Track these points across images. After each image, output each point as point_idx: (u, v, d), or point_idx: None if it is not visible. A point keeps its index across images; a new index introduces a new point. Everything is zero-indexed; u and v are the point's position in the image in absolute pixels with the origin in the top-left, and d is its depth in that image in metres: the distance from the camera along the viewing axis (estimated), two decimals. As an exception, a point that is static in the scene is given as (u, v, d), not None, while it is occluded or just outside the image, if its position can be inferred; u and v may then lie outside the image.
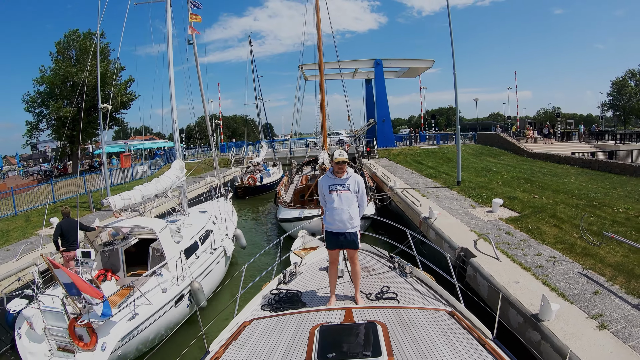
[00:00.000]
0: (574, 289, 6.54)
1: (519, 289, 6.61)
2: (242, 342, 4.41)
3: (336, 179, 5.27)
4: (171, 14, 12.99)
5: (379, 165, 26.42)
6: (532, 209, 11.62)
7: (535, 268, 7.46)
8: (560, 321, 5.49)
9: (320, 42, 20.72)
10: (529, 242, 9.02)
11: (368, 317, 4.60)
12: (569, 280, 6.89)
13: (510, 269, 7.51)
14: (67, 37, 30.98)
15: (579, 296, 6.27)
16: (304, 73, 36.62)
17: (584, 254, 7.93)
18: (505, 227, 10.39)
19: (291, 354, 3.97)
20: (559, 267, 7.48)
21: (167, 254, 8.79)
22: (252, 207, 24.02)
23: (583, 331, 5.27)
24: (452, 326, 4.29)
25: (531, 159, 26.19)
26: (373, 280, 6.11)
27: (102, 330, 6.64)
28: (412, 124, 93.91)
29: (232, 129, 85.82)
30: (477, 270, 7.62)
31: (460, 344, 3.90)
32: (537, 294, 6.26)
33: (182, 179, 12.50)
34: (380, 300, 5.35)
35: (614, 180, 16.68)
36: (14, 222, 15.09)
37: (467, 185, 16.46)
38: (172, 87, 12.74)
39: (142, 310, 7.33)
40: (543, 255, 8.10)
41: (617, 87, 61.48)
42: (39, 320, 6.81)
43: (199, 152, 49.49)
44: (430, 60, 40.00)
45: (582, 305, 5.98)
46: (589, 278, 6.90)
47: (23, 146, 37.85)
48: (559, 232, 9.45)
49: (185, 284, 8.65)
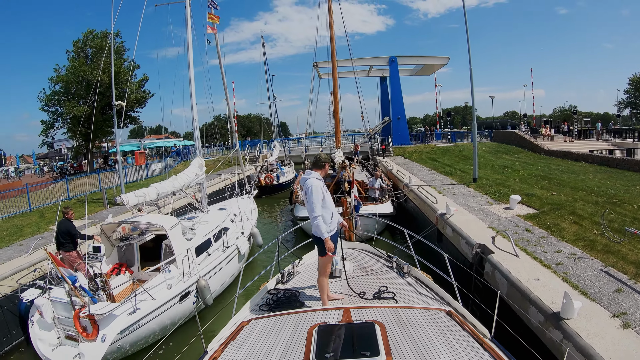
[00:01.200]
0: (595, 286, 6.40)
1: (539, 286, 6.48)
2: (240, 342, 4.44)
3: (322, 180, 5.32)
4: (190, 14, 13.06)
5: (394, 163, 26.28)
6: (551, 205, 11.42)
7: (556, 265, 7.32)
8: (582, 320, 5.37)
9: (332, 38, 20.62)
10: (549, 239, 8.86)
11: (366, 316, 4.62)
12: (591, 277, 6.74)
13: (530, 266, 7.38)
14: (85, 37, 31.40)
15: (601, 294, 6.13)
16: (318, 71, 36.53)
17: (605, 251, 7.76)
18: (523, 224, 10.22)
19: (289, 354, 3.99)
20: (579, 264, 7.34)
21: (175, 251, 8.88)
22: (270, 206, 24.11)
23: (606, 330, 5.15)
24: (450, 326, 4.30)
25: (548, 156, 25.80)
26: (371, 279, 6.13)
27: (103, 323, 6.89)
28: (427, 122, 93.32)
29: (247, 128, 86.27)
30: (496, 267, 7.49)
31: (459, 344, 3.91)
32: (558, 291, 6.14)
33: (201, 177, 12.55)
34: (378, 300, 5.36)
35: (634, 177, 16.32)
36: (29, 218, 15.33)
37: (484, 183, 16.26)
38: (192, 86, 12.85)
39: (145, 305, 7.48)
40: (563, 253, 7.95)
41: (634, 85, 60.14)
42: (48, 309, 7.15)
43: (213, 150, 49.82)
44: (445, 57, 39.63)
45: (605, 303, 5.84)
46: (611, 276, 6.75)
47: (39, 145, 38.52)
48: (579, 229, 9.27)
49: (192, 281, 8.69)
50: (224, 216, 12.29)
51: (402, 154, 32.14)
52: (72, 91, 30.70)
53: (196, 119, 13.13)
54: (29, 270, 9.41)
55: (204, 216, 12.01)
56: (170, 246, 9.12)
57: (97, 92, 16.65)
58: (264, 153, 36.74)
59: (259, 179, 26.50)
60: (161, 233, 10.26)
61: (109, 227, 10.03)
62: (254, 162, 35.52)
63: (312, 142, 45.14)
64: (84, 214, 15.74)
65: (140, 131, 71.36)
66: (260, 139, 45.92)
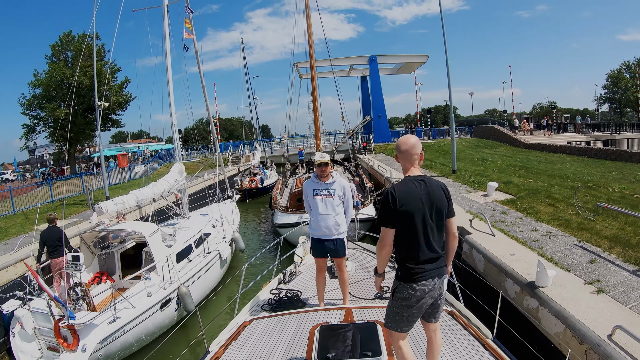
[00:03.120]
0: (570, 259, 6.47)
1: (514, 260, 6.53)
2: (242, 342, 4.43)
3: (321, 184, 5.08)
4: (168, 18, 12.87)
5: (376, 160, 26.36)
6: (528, 191, 11.55)
7: (531, 242, 7.39)
8: (557, 287, 5.41)
9: (310, 35, 20.70)
10: (525, 220, 8.95)
11: (368, 316, 4.61)
12: (565, 251, 6.82)
13: (506, 243, 7.44)
14: (62, 40, 30.87)
15: (575, 265, 6.20)
16: (299, 71, 36.49)
17: (580, 229, 7.87)
18: (500, 208, 10.32)
19: (291, 353, 3.98)
20: (554, 240, 7.42)
21: (155, 258, 8.66)
22: (254, 209, 23.80)
23: (581, 295, 5.19)
24: (452, 326, 4.32)
25: (527, 149, 26.23)
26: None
27: (83, 332, 6.72)
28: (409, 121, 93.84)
29: (229, 131, 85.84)
30: (473, 246, 7.54)
31: (460, 344, 3.93)
32: (533, 263, 6.16)
33: (181, 183, 12.24)
34: (380, 300, 5.30)
35: (610, 165, 16.69)
36: (13, 220, 15.00)
37: (463, 174, 16.41)
38: (170, 91, 12.62)
39: (125, 313, 7.30)
40: (539, 231, 8.03)
41: (612, 80, 61.56)
42: (29, 320, 6.89)
43: (196, 154, 49.41)
44: (424, 55, 39.98)
45: (579, 273, 5.91)
46: (585, 249, 6.84)
47: (20, 149, 37.65)
48: (555, 210, 9.39)
49: (172, 289, 8.48)
50: (205, 222, 12.04)
51: (383, 151, 32.29)
52: (52, 95, 30.14)
53: (175, 124, 12.88)
54: (15, 268, 9.31)
55: (185, 222, 11.77)
56: (150, 253, 8.90)
57: (73, 93, 16.28)
58: (247, 154, 36.51)
59: (242, 183, 26.27)
60: (142, 240, 9.91)
61: (89, 235, 9.78)
62: (236, 163, 35.29)
63: (294, 143, 45.04)
64: (68, 215, 15.56)
65: (122, 136, 70.60)
66: (242, 141, 45.65)
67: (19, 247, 10.47)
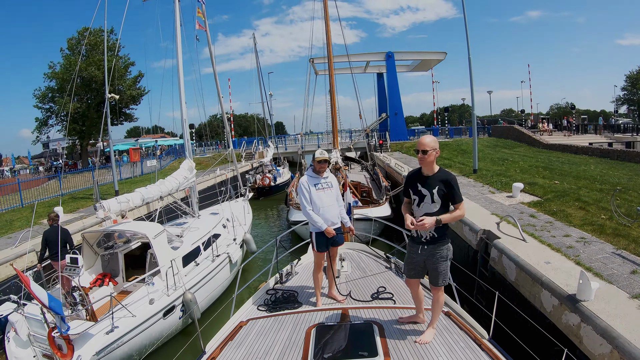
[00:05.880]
0: (609, 269, 6.06)
1: (550, 269, 6.13)
2: (238, 342, 4.43)
3: (320, 178, 5.37)
4: (179, 8, 12.47)
5: (392, 158, 25.96)
6: (554, 193, 11.11)
7: (566, 249, 6.98)
8: (600, 301, 5.00)
9: (328, 29, 20.33)
10: (555, 224, 8.53)
11: (364, 317, 4.62)
12: (603, 260, 6.41)
13: (539, 250, 7.03)
14: (79, 34, 30.96)
15: (616, 276, 5.79)
16: (314, 67, 36.19)
17: (615, 235, 7.44)
18: (528, 210, 9.89)
19: (287, 354, 3.97)
20: (590, 247, 7.00)
21: (160, 262, 8.13)
22: (267, 207, 23.62)
23: (627, 311, 4.79)
24: (449, 326, 4.29)
25: (547, 150, 25.54)
26: (369, 280, 6.07)
27: (78, 342, 6.33)
28: (424, 121, 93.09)
29: (243, 127, 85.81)
30: (503, 252, 7.13)
31: (457, 344, 3.90)
32: (570, 273, 5.82)
33: (191, 180, 11.70)
34: (377, 301, 5.31)
35: (635, 168, 16.07)
36: (20, 213, 15.01)
37: (484, 173, 15.96)
38: (181, 81, 12.19)
39: (124, 322, 6.85)
40: (572, 237, 7.62)
41: (631, 81, 60.18)
42: (23, 326, 6.61)
43: (209, 149, 49.40)
44: (442, 52, 39.45)
45: (622, 285, 5.50)
46: (625, 258, 6.42)
47: (33, 142, 37.85)
48: (586, 214, 8.96)
49: (177, 295, 7.97)
50: (215, 222, 11.52)
51: (399, 149, 31.85)
52: (66, 88, 30.24)
53: (186, 118, 12.44)
54: (15, 263, 9.03)
55: (194, 222, 11.23)
56: (154, 256, 8.36)
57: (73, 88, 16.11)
58: (260, 150, 36.33)
59: (254, 181, 26.00)
60: (147, 241, 9.24)
61: (92, 235, 9.26)
62: (250, 159, 35.13)
63: (310, 139, 44.77)
64: (75, 209, 15.48)
65: (137, 131, 70.88)
66: (256, 137, 45.53)
67: (20, 242, 10.35)
